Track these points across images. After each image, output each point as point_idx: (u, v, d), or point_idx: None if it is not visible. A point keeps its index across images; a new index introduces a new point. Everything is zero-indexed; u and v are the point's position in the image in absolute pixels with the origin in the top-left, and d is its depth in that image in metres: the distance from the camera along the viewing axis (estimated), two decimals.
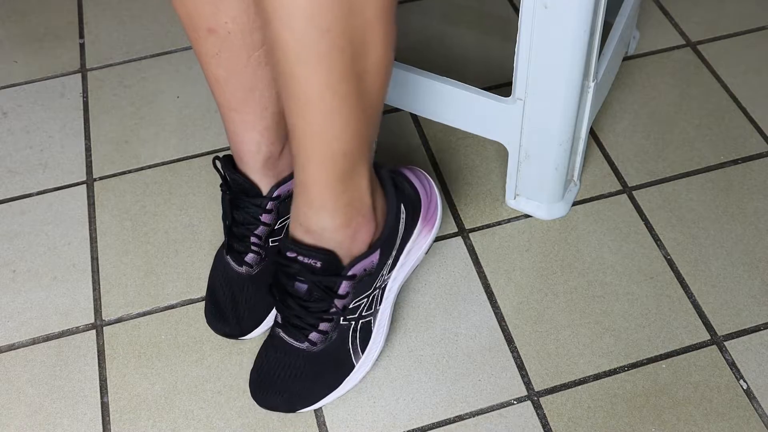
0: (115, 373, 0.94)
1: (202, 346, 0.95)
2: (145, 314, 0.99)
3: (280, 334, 0.87)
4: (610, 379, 0.91)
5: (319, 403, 0.89)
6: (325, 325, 0.86)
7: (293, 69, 0.69)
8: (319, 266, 0.81)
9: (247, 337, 0.94)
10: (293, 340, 0.87)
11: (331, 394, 0.89)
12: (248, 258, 0.93)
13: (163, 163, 1.14)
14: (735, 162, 1.10)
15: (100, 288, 1.01)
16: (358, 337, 0.88)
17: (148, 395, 0.92)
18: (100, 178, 1.12)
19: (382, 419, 0.89)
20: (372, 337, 0.90)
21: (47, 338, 0.97)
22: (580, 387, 0.91)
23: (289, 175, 0.91)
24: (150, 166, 1.13)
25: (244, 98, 0.84)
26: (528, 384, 0.91)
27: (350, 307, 0.86)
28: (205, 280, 1.00)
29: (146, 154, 1.15)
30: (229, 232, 0.93)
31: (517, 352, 0.94)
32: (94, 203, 1.10)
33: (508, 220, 1.06)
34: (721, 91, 1.19)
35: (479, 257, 1.02)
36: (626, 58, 1.23)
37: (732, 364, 0.92)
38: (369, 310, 0.88)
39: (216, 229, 1.06)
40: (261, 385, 0.88)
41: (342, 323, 0.87)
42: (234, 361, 0.94)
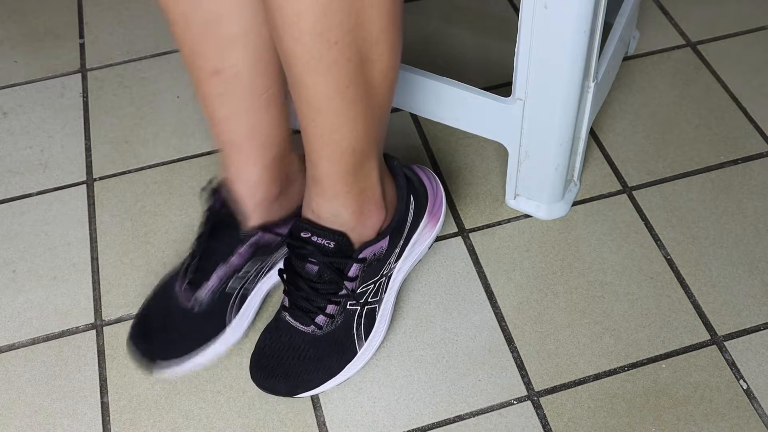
0: (115, 373, 0.94)
1: None
2: None
3: (286, 317, 0.89)
4: (610, 379, 0.91)
5: (319, 388, 0.89)
6: (332, 308, 0.88)
7: (303, 77, 0.72)
8: (332, 246, 0.84)
9: (166, 370, 0.91)
10: (299, 324, 0.88)
11: (332, 380, 0.90)
12: (198, 294, 0.90)
13: (163, 163, 1.14)
14: (735, 162, 1.10)
15: (100, 288, 1.01)
16: (363, 323, 0.90)
17: (148, 395, 0.92)
18: (100, 178, 1.12)
19: (382, 419, 0.89)
20: (375, 325, 0.91)
21: (47, 338, 0.97)
22: (580, 387, 0.91)
23: (281, 220, 0.90)
24: (150, 166, 1.13)
25: (247, 138, 0.85)
26: (528, 384, 0.91)
27: (358, 292, 0.88)
28: None
29: (146, 154, 1.15)
30: (191, 262, 0.91)
31: (517, 352, 0.94)
32: (94, 203, 1.10)
33: (508, 220, 1.06)
34: (721, 91, 1.19)
35: (479, 257, 1.02)
36: (626, 58, 1.23)
37: (732, 364, 0.92)
38: (375, 296, 0.90)
39: None
40: (262, 367, 0.89)
41: (348, 308, 0.88)
42: (234, 361, 0.94)
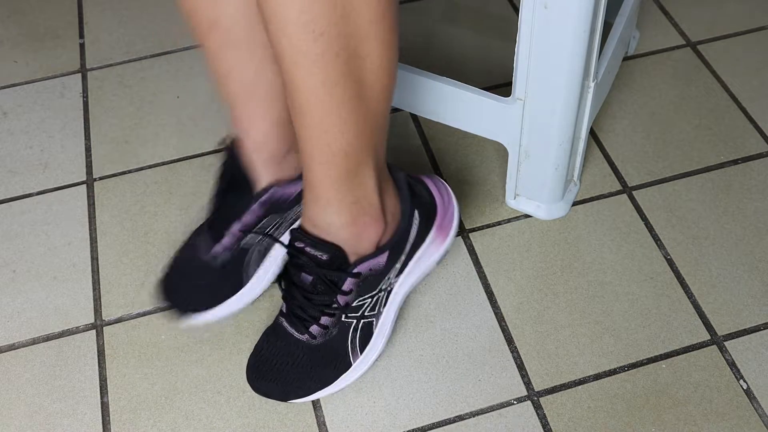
0: (115, 373, 0.94)
1: (202, 346, 0.95)
2: (145, 314, 0.99)
3: (283, 323, 0.88)
4: (610, 379, 0.91)
5: (311, 396, 0.89)
6: (326, 320, 0.86)
7: (291, 72, 0.70)
8: (325, 259, 0.83)
9: (193, 319, 0.93)
10: (294, 331, 0.88)
11: (325, 390, 0.89)
12: (216, 248, 0.92)
13: (163, 163, 1.14)
14: (735, 162, 1.10)
15: (100, 288, 1.01)
16: (359, 336, 0.89)
17: (148, 395, 0.92)
18: (100, 178, 1.12)
19: (382, 419, 0.89)
20: (372, 339, 0.90)
21: (47, 338, 0.97)
22: (580, 387, 0.91)
23: (288, 181, 0.90)
24: (150, 166, 1.13)
25: (250, 93, 0.85)
26: (528, 384, 0.91)
27: (353, 305, 0.86)
28: None
29: (146, 154, 1.15)
30: (211, 218, 0.93)
31: (517, 352, 0.94)
32: (94, 203, 1.10)
33: (508, 220, 1.06)
34: (721, 91, 1.19)
35: (479, 257, 1.02)
36: (626, 58, 1.23)
37: (732, 364, 0.92)
38: (372, 311, 0.89)
39: None
40: (257, 370, 0.89)
41: (343, 320, 0.87)
42: (234, 361, 0.94)
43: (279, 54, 0.70)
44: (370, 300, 0.88)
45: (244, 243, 0.91)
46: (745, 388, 0.90)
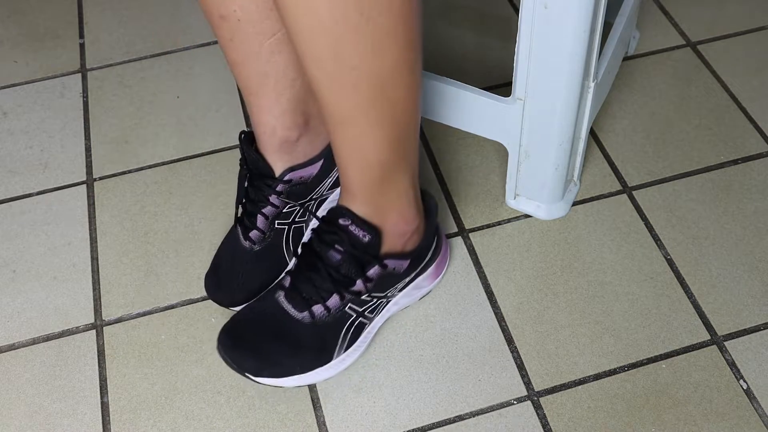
0: (115, 373, 0.94)
1: (202, 346, 0.95)
2: (145, 314, 0.99)
3: (280, 297, 0.87)
4: (610, 379, 0.91)
5: (282, 380, 0.87)
6: (334, 302, 0.86)
7: (325, 96, 0.73)
8: (366, 240, 0.84)
9: (237, 309, 0.94)
10: (291, 307, 0.87)
11: (297, 377, 0.87)
12: (252, 234, 0.95)
13: (163, 163, 1.14)
14: (735, 162, 1.10)
15: (100, 288, 1.01)
16: (351, 332, 0.90)
17: (148, 395, 0.92)
18: (100, 178, 1.12)
19: (382, 419, 0.89)
20: (358, 341, 0.91)
21: (47, 338, 0.97)
22: (580, 387, 0.91)
23: (305, 162, 0.93)
24: (150, 166, 1.13)
25: (259, 83, 0.87)
26: (528, 384, 0.91)
27: (362, 299, 0.88)
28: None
29: (146, 154, 1.15)
30: (242, 207, 0.96)
31: (517, 352, 0.94)
32: (94, 203, 1.10)
33: (508, 220, 1.06)
34: (721, 91, 1.19)
35: (479, 257, 1.02)
36: (626, 58, 1.23)
37: (732, 364, 0.92)
38: (371, 313, 0.90)
39: (216, 229, 1.06)
40: (232, 336, 0.87)
41: (346, 310, 0.88)
42: None
43: (313, 81, 0.73)
44: (375, 300, 0.89)
45: (279, 225, 0.95)
46: (745, 388, 0.90)
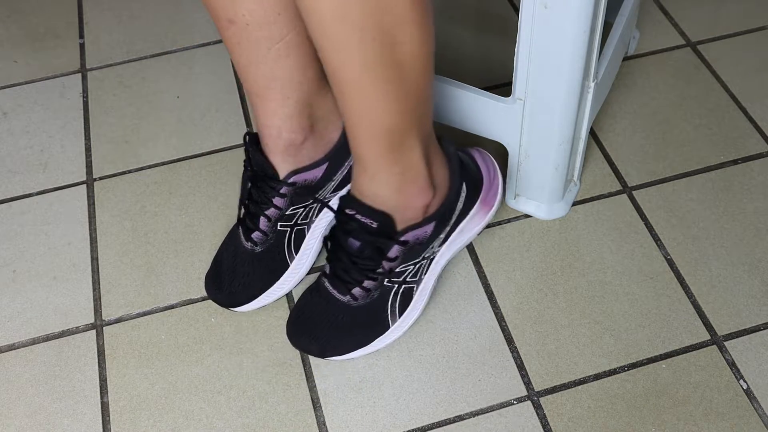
0: (115, 373, 0.94)
1: (202, 346, 0.95)
2: (145, 314, 0.99)
3: (326, 283, 0.92)
4: (610, 379, 0.91)
5: (348, 355, 0.92)
6: (369, 283, 0.89)
7: (330, 58, 0.73)
8: (374, 227, 0.85)
9: (237, 310, 0.96)
10: (336, 292, 0.91)
11: (361, 350, 0.92)
12: (254, 236, 0.95)
13: (163, 163, 1.14)
14: (735, 162, 1.10)
15: (100, 288, 1.01)
16: (398, 300, 0.91)
17: (148, 395, 0.92)
18: (100, 178, 1.12)
19: (382, 419, 0.89)
20: (411, 304, 0.93)
21: (47, 338, 0.97)
22: (580, 387, 0.91)
23: (309, 165, 0.93)
24: (150, 166, 1.13)
25: (266, 86, 0.88)
26: (528, 384, 0.91)
27: (396, 271, 0.89)
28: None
29: (146, 154, 1.15)
30: (244, 207, 0.96)
31: (517, 352, 0.94)
32: (94, 203, 1.10)
33: (508, 220, 1.06)
34: (721, 91, 1.19)
35: (479, 257, 1.02)
36: (626, 58, 1.23)
37: (732, 364, 0.92)
38: (414, 277, 0.91)
39: (216, 229, 1.06)
40: (298, 327, 0.93)
41: (386, 284, 0.90)
42: (234, 361, 0.94)
43: (318, 44, 0.72)
44: (412, 267, 0.91)
45: (281, 228, 0.95)
46: (745, 388, 0.90)
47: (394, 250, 0.88)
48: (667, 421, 0.88)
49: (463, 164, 0.93)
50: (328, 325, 0.91)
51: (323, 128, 0.93)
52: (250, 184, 0.94)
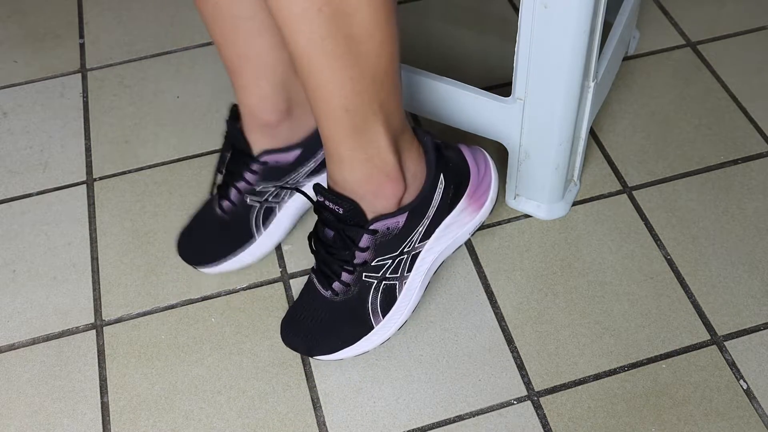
0: (115, 373, 0.94)
1: (202, 346, 0.95)
2: (145, 314, 0.99)
3: (313, 279, 0.92)
4: (610, 379, 0.91)
5: (335, 355, 0.91)
6: (347, 277, 0.89)
7: (282, 29, 0.73)
8: (341, 213, 0.85)
9: (203, 270, 1.00)
10: (321, 287, 0.91)
11: (347, 349, 0.91)
12: (224, 204, 0.98)
13: (163, 163, 1.14)
14: (735, 162, 1.10)
15: (100, 288, 1.01)
16: (380, 298, 0.90)
17: (148, 395, 0.92)
18: (100, 178, 1.12)
19: (382, 419, 0.89)
20: (396, 304, 0.91)
21: (47, 338, 0.97)
22: (580, 387, 0.91)
23: (284, 148, 0.95)
24: (150, 166, 1.13)
25: (240, 65, 0.89)
26: (528, 384, 0.91)
27: (372, 264, 0.88)
28: (205, 280, 1.00)
29: (146, 154, 1.15)
30: (222, 176, 0.99)
31: (517, 352, 0.94)
32: (94, 203, 1.10)
33: (508, 220, 1.06)
34: (721, 91, 1.19)
35: (479, 257, 1.02)
36: (626, 58, 1.23)
37: (732, 364, 0.92)
38: (394, 273, 0.90)
39: None
40: (289, 324, 0.93)
41: (364, 279, 0.89)
42: (234, 361, 0.94)
43: (275, 17, 0.72)
44: (391, 261, 0.89)
45: (250, 201, 0.98)
46: (745, 388, 0.90)
47: (365, 240, 0.86)
48: (667, 421, 0.88)
49: (444, 157, 0.90)
50: (312, 321, 0.91)
51: (302, 113, 0.94)
52: (228, 155, 0.97)
